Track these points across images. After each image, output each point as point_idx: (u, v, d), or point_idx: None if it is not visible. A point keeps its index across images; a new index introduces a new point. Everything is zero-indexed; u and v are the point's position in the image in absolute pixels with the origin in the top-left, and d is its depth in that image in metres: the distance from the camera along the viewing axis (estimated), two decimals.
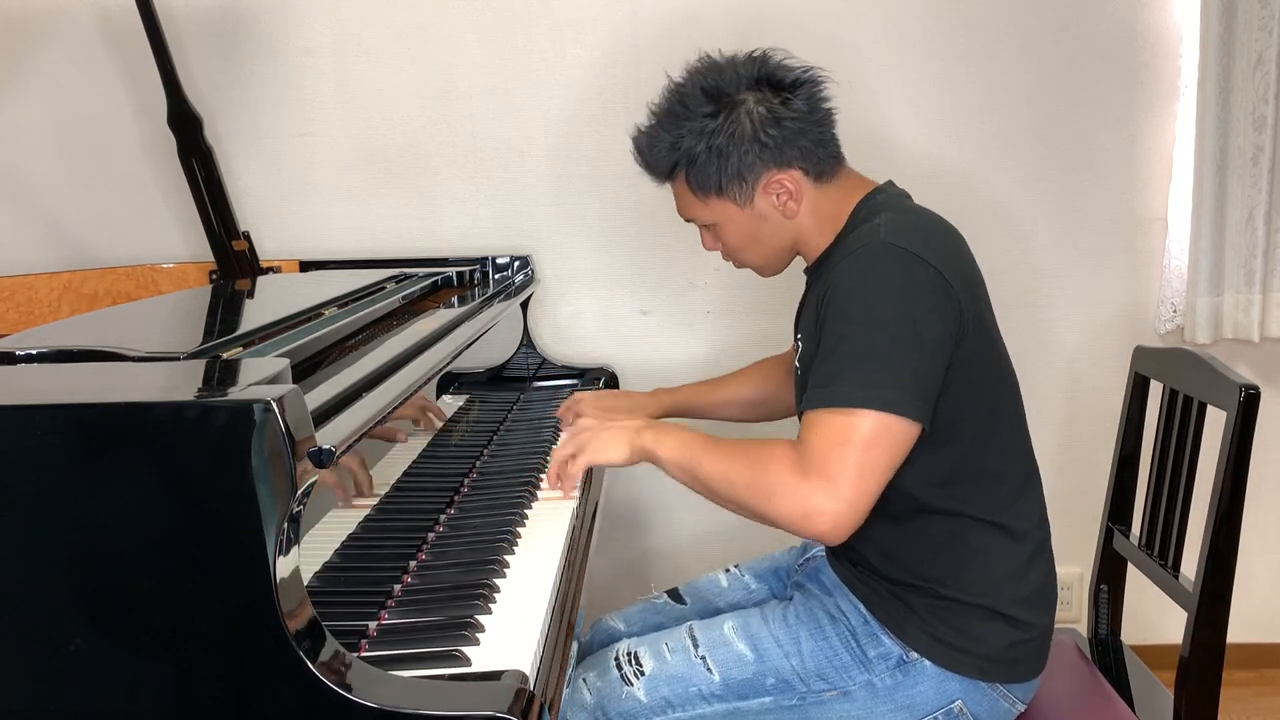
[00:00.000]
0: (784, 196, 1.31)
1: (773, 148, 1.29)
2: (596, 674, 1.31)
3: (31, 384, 0.95)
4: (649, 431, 1.32)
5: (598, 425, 1.39)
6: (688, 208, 1.38)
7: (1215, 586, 1.31)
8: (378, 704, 0.81)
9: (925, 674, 1.26)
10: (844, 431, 1.14)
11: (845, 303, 1.20)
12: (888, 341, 1.16)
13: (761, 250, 1.38)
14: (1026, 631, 1.27)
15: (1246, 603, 1.61)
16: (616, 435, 1.33)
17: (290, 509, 0.83)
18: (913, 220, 1.28)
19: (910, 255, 1.19)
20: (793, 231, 1.35)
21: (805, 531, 1.16)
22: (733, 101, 1.29)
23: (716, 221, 1.36)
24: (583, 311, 2.26)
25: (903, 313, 1.18)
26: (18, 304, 1.91)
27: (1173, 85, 2.16)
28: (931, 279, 1.19)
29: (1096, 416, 1.89)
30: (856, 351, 1.17)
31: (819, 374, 1.19)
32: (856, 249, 1.22)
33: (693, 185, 1.33)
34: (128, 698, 0.84)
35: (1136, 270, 2.23)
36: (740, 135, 1.28)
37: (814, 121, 1.30)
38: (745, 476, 1.20)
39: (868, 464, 1.14)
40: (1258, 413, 1.30)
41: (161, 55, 1.90)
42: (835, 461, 1.14)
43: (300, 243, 2.22)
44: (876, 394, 1.14)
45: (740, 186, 1.31)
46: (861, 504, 1.15)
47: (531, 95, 2.18)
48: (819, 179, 1.33)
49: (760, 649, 1.30)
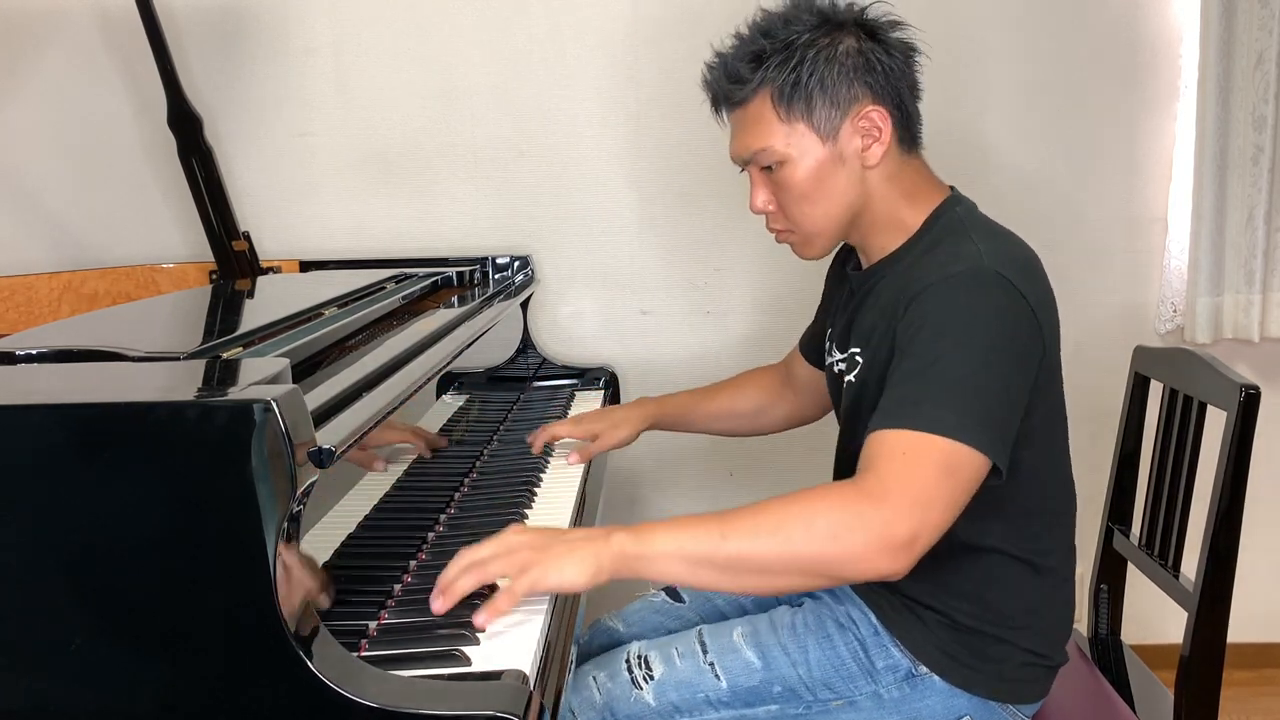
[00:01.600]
0: (871, 137, 1.21)
1: (878, 73, 1.20)
2: (607, 674, 1.31)
3: (31, 384, 0.95)
4: (619, 534, 1.04)
5: (541, 537, 1.05)
6: (759, 134, 1.22)
7: (1215, 586, 1.31)
8: (378, 704, 0.81)
9: (933, 689, 1.25)
10: (926, 453, 1.04)
11: (944, 324, 1.10)
12: (985, 376, 1.08)
13: (824, 207, 1.23)
14: (1040, 660, 1.26)
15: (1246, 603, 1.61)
16: (570, 549, 1.02)
17: (290, 509, 0.83)
18: (1010, 248, 1.19)
19: (1015, 290, 1.12)
20: (862, 193, 1.23)
21: (878, 571, 1.02)
22: (840, 24, 1.21)
23: (788, 156, 1.21)
24: (583, 311, 2.26)
25: (1002, 349, 1.10)
26: (18, 304, 1.91)
27: (1173, 85, 2.16)
28: (1030, 320, 1.13)
29: (1096, 416, 1.89)
30: (954, 377, 1.08)
31: (902, 393, 1.09)
32: (959, 271, 1.12)
33: (778, 100, 1.20)
34: (128, 697, 0.84)
35: (1136, 270, 2.24)
36: (845, 53, 1.19)
37: (916, 86, 1.24)
38: (798, 529, 1.02)
39: (948, 490, 1.04)
40: (1258, 413, 1.30)
41: (161, 55, 1.90)
42: (912, 481, 1.03)
43: (300, 243, 2.22)
44: (967, 425, 1.05)
45: (832, 107, 1.19)
46: (936, 529, 1.04)
47: (531, 95, 2.18)
48: (904, 145, 1.24)
49: (768, 657, 1.29)
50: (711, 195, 2.20)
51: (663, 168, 2.19)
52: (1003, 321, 1.11)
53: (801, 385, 1.62)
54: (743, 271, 2.23)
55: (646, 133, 2.18)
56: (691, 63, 2.15)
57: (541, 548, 1.03)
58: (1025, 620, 1.24)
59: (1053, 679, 1.30)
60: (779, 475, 2.29)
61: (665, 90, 2.15)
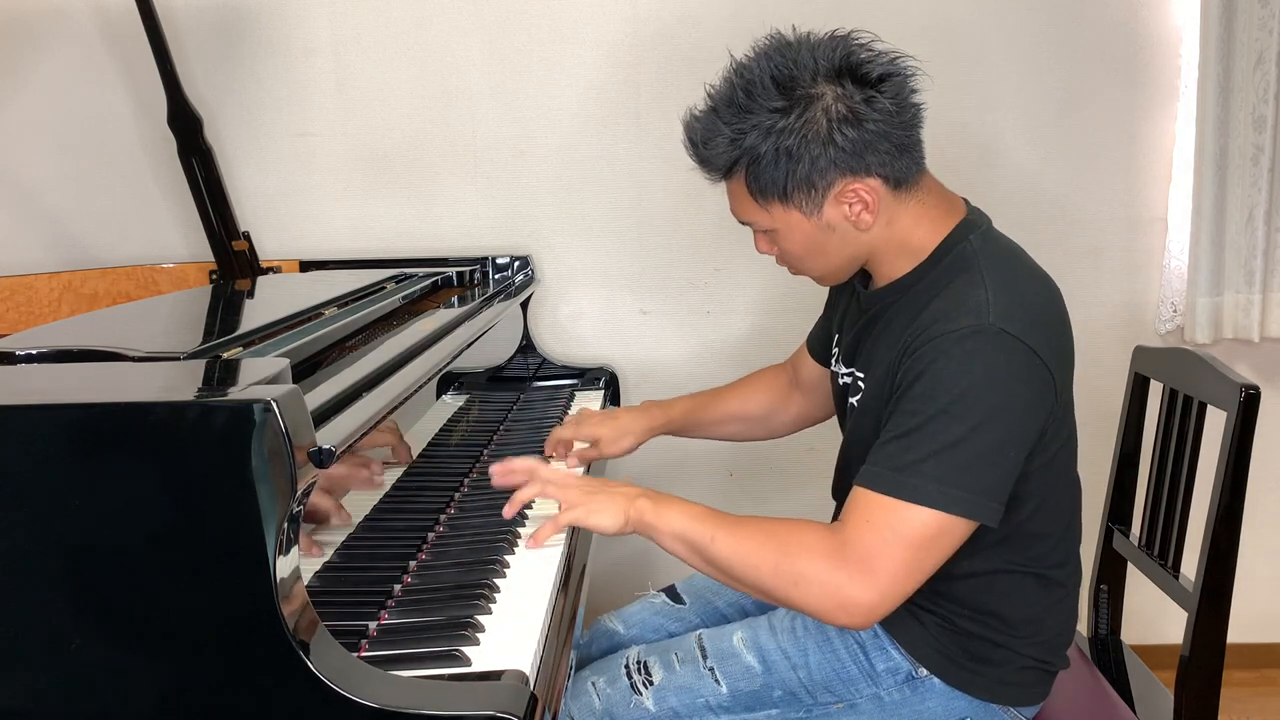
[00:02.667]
0: (858, 207, 1.16)
1: (850, 152, 1.12)
2: (606, 680, 1.31)
3: (31, 384, 0.95)
4: (644, 500, 1.19)
5: (590, 483, 1.25)
6: (744, 211, 1.22)
7: (1215, 586, 1.31)
8: (378, 704, 0.81)
9: (933, 691, 1.24)
10: (900, 525, 1.07)
11: (938, 385, 1.08)
12: (976, 440, 1.07)
13: (826, 262, 1.23)
14: (1041, 665, 1.26)
15: (1246, 603, 1.61)
16: (610, 500, 1.20)
17: (290, 509, 0.83)
18: (1022, 293, 1.15)
19: (1021, 346, 1.09)
20: (865, 245, 1.21)
21: (832, 622, 1.10)
22: (807, 96, 1.12)
23: (776, 229, 1.21)
24: (583, 311, 2.26)
25: (1000, 410, 1.08)
26: (18, 304, 1.91)
27: (1173, 85, 2.16)
28: (1037, 372, 1.10)
29: (1096, 416, 1.89)
30: (939, 443, 1.07)
31: (888, 451, 1.10)
32: (964, 329, 1.09)
33: (753, 189, 1.17)
34: (127, 697, 0.84)
35: (1136, 270, 2.23)
36: (813, 137, 1.12)
37: (900, 123, 1.14)
38: (770, 560, 1.11)
39: (916, 562, 1.07)
40: (1258, 413, 1.30)
41: (161, 55, 1.90)
42: (881, 555, 1.06)
43: (300, 243, 2.22)
44: (949, 495, 1.06)
45: (809, 194, 1.15)
46: (899, 599, 1.09)
47: (531, 95, 2.18)
48: (899, 187, 1.17)
49: (768, 661, 1.28)
50: (711, 195, 2.19)
51: (663, 168, 2.19)
52: (1005, 383, 1.09)
53: (809, 385, 1.59)
54: (743, 271, 2.23)
55: (646, 133, 2.18)
56: (692, 63, 2.17)
57: (590, 492, 1.22)
58: (1028, 629, 1.24)
59: (1052, 681, 1.30)
60: (779, 475, 2.29)
61: (665, 90, 2.15)
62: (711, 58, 1.29)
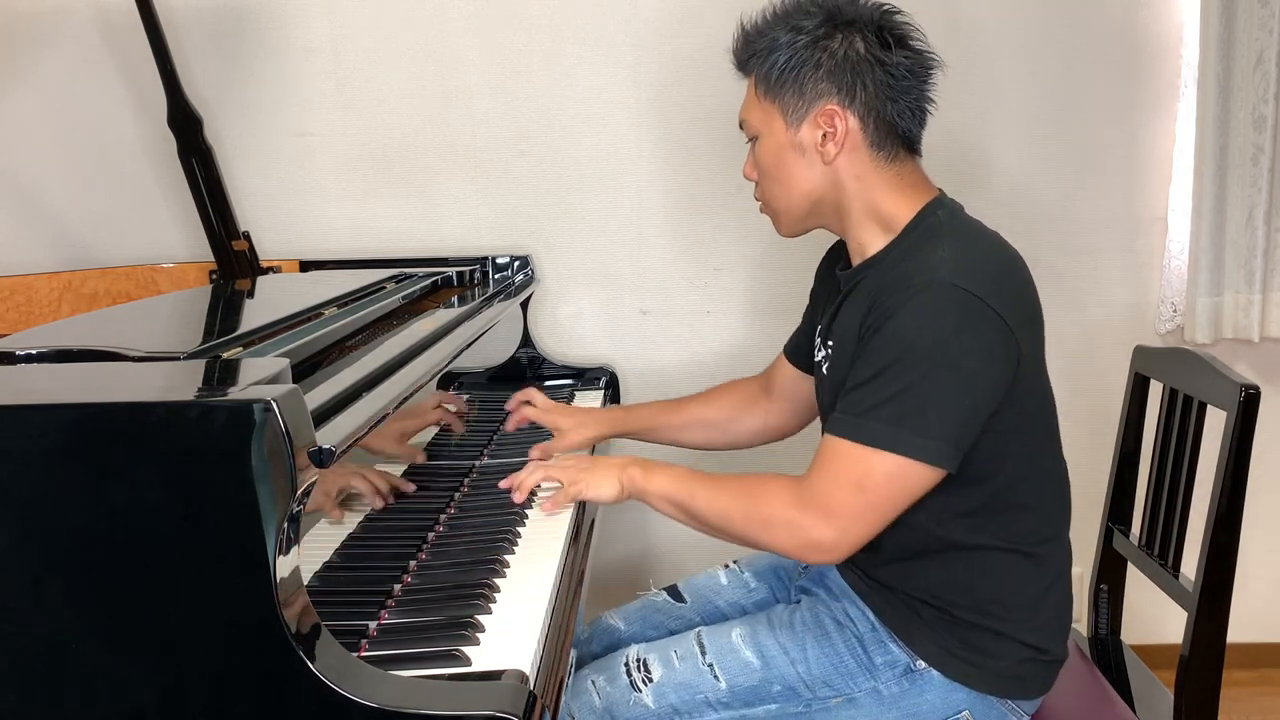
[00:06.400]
0: (830, 135, 1.24)
1: (848, 81, 1.22)
2: (605, 678, 1.31)
3: (31, 384, 0.95)
4: (634, 468, 1.32)
5: (585, 460, 1.38)
6: (746, 105, 1.32)
7: (1215, 586, 1.31)
8: (378, 704, 0.81)
9: (932, 683, 1.25)
10: (857, 469, 1.14)
11: (894, 337, 1.15)
12: (929, 386, 1.13)
13: (784, 188, 1.30)
14: (1040, 654, 1.26)
15: (1246, 603, 1.61)
16: (605, 473, 1.33)
17: (290, 509, 0.83)
18: (980, 254, 1.22)
19: (974, 300, 1.14)
20: (823, 184, 1.28)
21: (805, 560, 1.20)
22: (839, 28, 1.23)
23: (759, 132, 1.30)
24: (583, 311, 2.26)
25: (953, 359, 1.13)
26: (18, 304, 1.91)
27: (1173, 84, 2.16)
28: (993, 325, 1.15)
29: (1096, 416, 1.89)
30: (894, 390, 1.13)
31: (850, 400, 1.17)
32: (918, 284, 1.16)
33: (760, 78, 1.28)
34: (127, 697, 0.84)
35: (1136, 270, 2.23)
36: (824, 54, 1.23)
37: (904, 89, 1.24)
38: (742, 508, 1.22)
39: (874, 505, 1.15)
40: (1258, 413, 1.30)
41: (161, 55, 1.90)
42: (840, 499, 1.15)
43: (300, 243, 2.22)
44: (902, 438, 1.13)
45: (799, 98, 1.24)
46: (860, 539, 1.17)
47: (531, 95, 2.18)
48: (880, 150, 1.25)
49: (767, 656, 1.29)
50: (711, 195, 2.20)
51: (662, 168, 2.19)
52: (958, 332, 1.14)
53: (781, 391, 1.59)
54: (743, 271, 2.23)
55: (646, 133, 2.18)
56: (692, 62, 2.17)
57: (586, 469, 1.35)
58: (1022, 614, 1.25)
59: (1053, 675, 1.30)
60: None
61: (665, 90, 2.15)
62: (712, 58, 1.30)
